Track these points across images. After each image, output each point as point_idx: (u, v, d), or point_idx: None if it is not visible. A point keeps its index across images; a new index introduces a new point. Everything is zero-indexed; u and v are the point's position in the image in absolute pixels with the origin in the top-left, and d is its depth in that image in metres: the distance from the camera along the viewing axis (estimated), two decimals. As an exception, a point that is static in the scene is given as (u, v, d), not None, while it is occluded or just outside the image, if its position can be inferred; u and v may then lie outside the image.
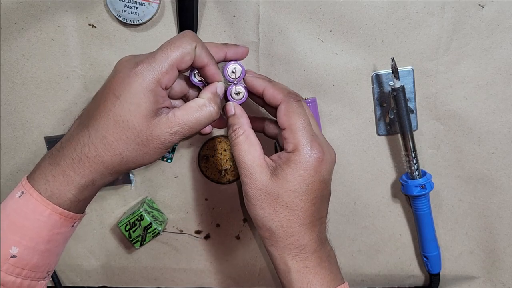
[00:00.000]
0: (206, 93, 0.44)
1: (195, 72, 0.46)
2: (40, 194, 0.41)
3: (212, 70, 0.44)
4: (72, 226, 0.43)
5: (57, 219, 0.41)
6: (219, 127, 0.50)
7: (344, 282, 0.44)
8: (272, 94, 0.44)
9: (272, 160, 0.43)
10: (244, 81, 0.46)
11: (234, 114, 0.45)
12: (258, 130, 0.49)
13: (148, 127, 0.40)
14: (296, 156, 0.41)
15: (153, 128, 0.41)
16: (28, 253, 0.41)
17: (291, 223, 0.42)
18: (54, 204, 0.41)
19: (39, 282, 0.43)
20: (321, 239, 0.43)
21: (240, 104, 0.46)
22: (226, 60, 0.47)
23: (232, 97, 0.47)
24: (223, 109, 0.47)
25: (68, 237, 0.45)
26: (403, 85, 0.50)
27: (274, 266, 0.44)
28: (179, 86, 0.47)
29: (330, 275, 0.43)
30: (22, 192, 0.41)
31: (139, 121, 0.40)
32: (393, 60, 0.49)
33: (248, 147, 0.43)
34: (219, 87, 0.45)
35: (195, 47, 0.42)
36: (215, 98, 0.44)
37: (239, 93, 0.48)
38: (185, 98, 0.48)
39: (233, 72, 0.47)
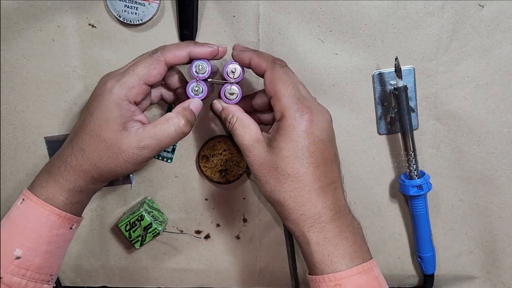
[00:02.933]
0: (176, 108, 0.46)
1: (195, 64, 0.46)
2: (38, 197, 0.44)
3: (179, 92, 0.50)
4: (71, 228, 0.46)
5: (55, 219, 0.44)
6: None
7: (372, 258, 0.42)
8: (257, 63, 0.44)
9: (268, 133, 0.44)
10: (232, 56, 0.47)
11: (223, 108, 0.47)
12: (251, 110, 0.50)
13: (117, 140, 0.43)
14: (284, 122, 0.41)
15: (121, 142, 0.43)
16: (30, 254, 0.43)
17: (298, 191, 0.41)
18: (51, 205, 0.44)
19: (43, 285, 0.45)
20: (338, 207, 0.42)
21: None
22: (194, 59, 0.46)
23: (225, 97, 0.47)
24: (211, 107, 0.49)
25: (68, 240, 0.47)
26: (406, 85, 0.50)
27: (297, 242, 0.43)
28: (169, 95, 0.51)
29: (353, 247, 0.41)
30: (23, 199, 0.45)
31: (109, 135, 0.43)
32: (396, 59, 0.50)
33: (243, 129, 0.44)
34: (192, 102, 0.46)
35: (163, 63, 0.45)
36: (184, 111, 0.45)
37: (233, 94, 0.48)
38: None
39: (232, 71, 0.47)
